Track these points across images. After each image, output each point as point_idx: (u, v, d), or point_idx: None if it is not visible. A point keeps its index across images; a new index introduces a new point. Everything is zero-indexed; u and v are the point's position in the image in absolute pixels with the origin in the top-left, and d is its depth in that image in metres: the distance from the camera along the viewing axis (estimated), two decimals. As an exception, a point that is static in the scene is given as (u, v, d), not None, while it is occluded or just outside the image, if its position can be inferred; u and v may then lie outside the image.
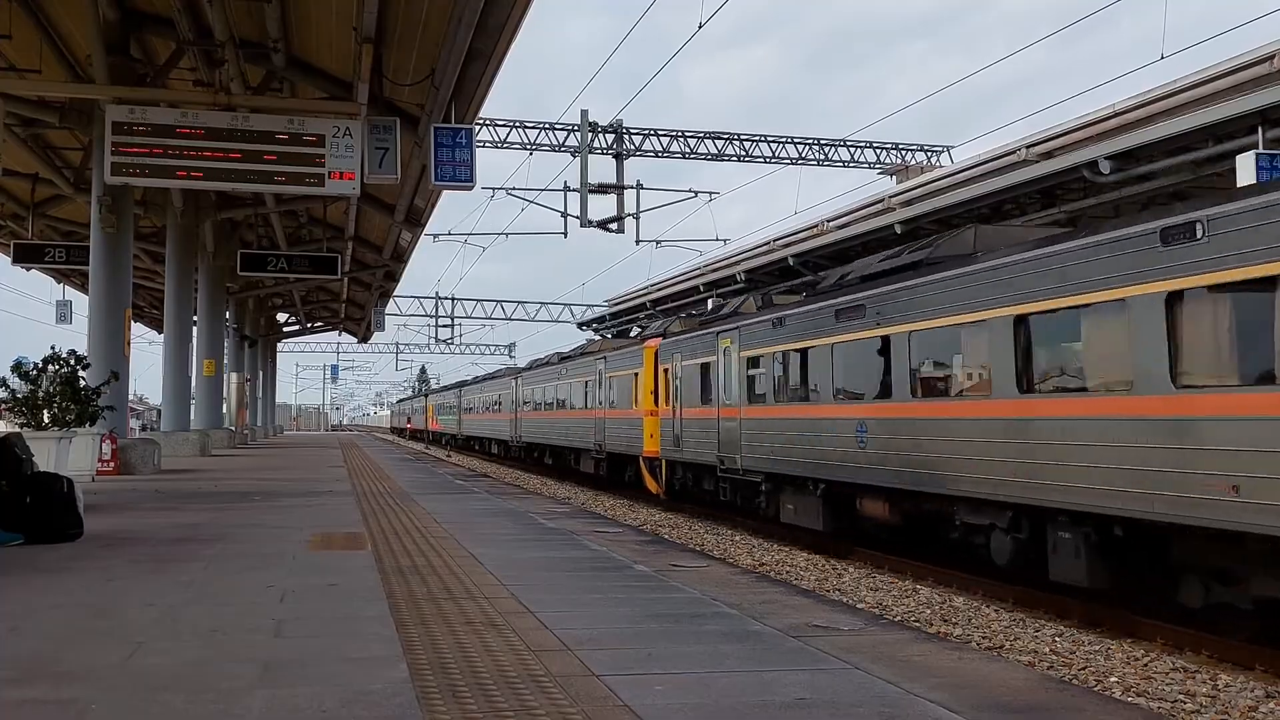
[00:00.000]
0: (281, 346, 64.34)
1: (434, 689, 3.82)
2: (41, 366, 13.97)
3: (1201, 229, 7.49)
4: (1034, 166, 17.55)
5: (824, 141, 33.35)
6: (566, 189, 27.77)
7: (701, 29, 18.84)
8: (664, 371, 19.46)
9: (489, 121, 30.33)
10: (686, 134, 32.04)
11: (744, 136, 32.69)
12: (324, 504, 12.15)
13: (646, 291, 38.98)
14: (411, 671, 4.08)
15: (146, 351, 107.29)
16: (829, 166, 33.40)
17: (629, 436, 21.74)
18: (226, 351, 33.07)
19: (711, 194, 30.39)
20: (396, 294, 48.58)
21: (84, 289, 25.43)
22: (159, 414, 28.19)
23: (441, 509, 11.71)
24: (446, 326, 59.72)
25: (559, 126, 30.87)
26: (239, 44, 15.33)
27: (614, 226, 27.99)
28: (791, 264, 23.38)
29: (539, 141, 30.86)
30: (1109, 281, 8.30)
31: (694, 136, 32.15)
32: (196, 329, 26.94)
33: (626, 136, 30.16)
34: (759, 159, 32.79)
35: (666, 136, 31.66)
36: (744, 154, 32.59)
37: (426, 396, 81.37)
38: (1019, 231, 11.98)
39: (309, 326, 54.48)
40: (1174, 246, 7.71)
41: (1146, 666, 7.53)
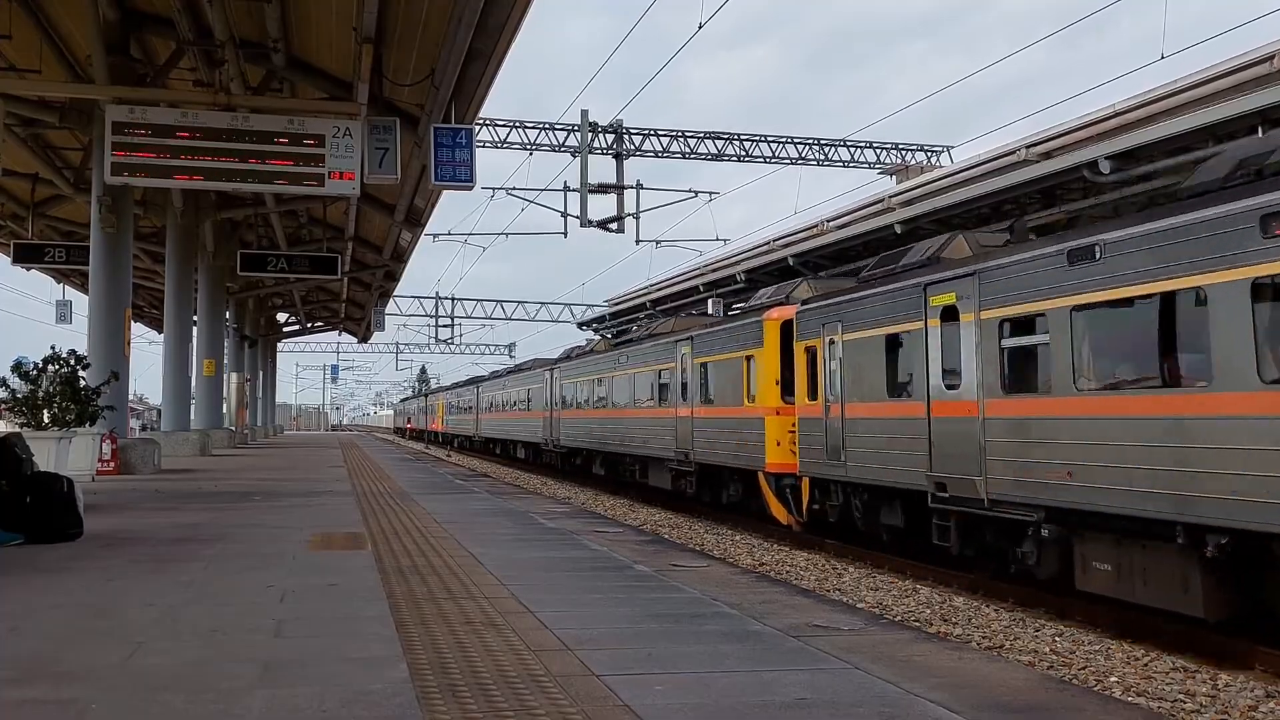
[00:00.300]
0: (281, 346, 64.36)
1: (434, 689, 3.82)
2: (41, 366, 13.98)
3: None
4: (1034, 166, 17.54)
5: (824, 141, 33.37)
6: (566, 189, 27.81)
7: (701, 29, 18.87)
8: (804, 351, 14.48)
9: (489, 121, 30.34)
10: (686, 134, 32.05)
11: (744, 136, 32.70)
12: (324, 504, 12.15)
13: (646, 291, 38.96)
14: (411, 671, 4.08)
15: (146, 351, 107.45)
16: (829, 166, 33.43)
17: (734, 443, 16.63)
18: (226, 351, 33.08)
19: (711, 194, 30.43)
20: (396, 294, 48.60)
21: (84, 289, 25.43)
22: (159, 414, 28.19)
23: (441, 509, 11.71)
24: (446, 326, 59.74)
25: (559, 126, 30.90)
26: (239, 44, 15.33)
27: (614, 226, 27.99)
28: (791, 264, 23.36)
29: (539, 141, 30.87)
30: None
31: (694, 136, 32.15)
32: (196, 329, 26.94)
33: (626, 136, 30.16)
34: (759, 159, 32.80)
35: (666, 136, 31.67)
36: (744, 154, 32.59)
37: (429, 395, 76.42)
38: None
39: (309, 326, 54.48)
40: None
41: (1146, 666, 7.53)
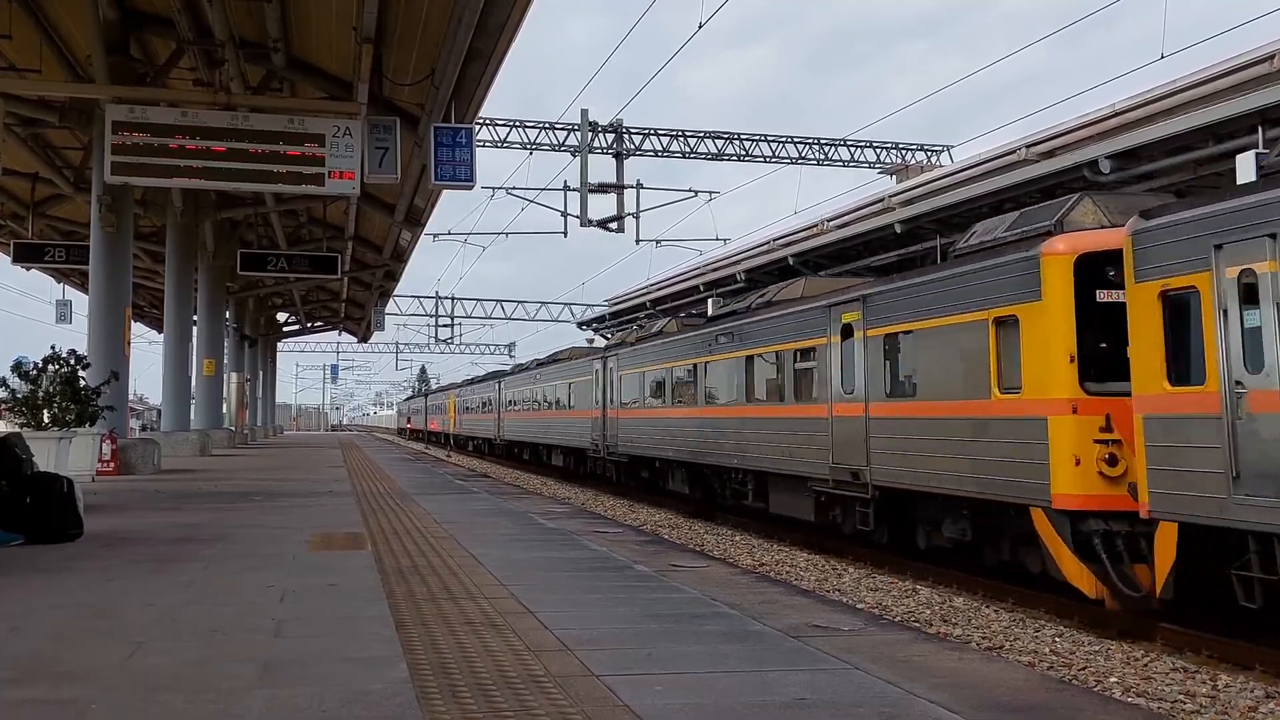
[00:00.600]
0: (281, 346, 64.32)
1: (434, 689, 3.82)
2: (41, 366, 13.98)
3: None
4: (1034, 166, 17.54)
5: (824, 141, 33.35)
6: (566, 189, 27.79)
7: (701, 29, 18.87)
8: (1159, 299, 8.18)
9: (489, 121, 30.33)
10: (686, 134, 32.04)
11: (744, 136, 32.69)
12: (324, 504, 12.15)
13: (646, 291, 38.96)
14: (411, 671, 4.08)
15: (146, 351, 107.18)
16: (829, 166, 33.41)
17: (965, 457, 10.41)
18: (226, 351, 33.07)
19: (711, 194, 30.42)
20: (396, 294, 48.58)
21: (84, 289, 25.41)
22: (159, 414, 28.18)
23: (441, 509, 11.71)
24: (446, 326, 59.70)
25: (559, 126, 30.88)
26: (239, 44, 15.33)
27: (614, 226, 27.98)
28: (791, 264, 23.36)
29: (539, 141, 30.86)
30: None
31: (694, 136, 32.14)
32: (196, 329, 26.93)
33: (626, 136, 30.15)
34: (759, 159, 32.79)
35: (666, 136, 31.66)
36: (744, 154, 32.58)
37: (438, 393, 68.75)
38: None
39: (309, 326, 54.47)
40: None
41: (1146, 666, 7.53)
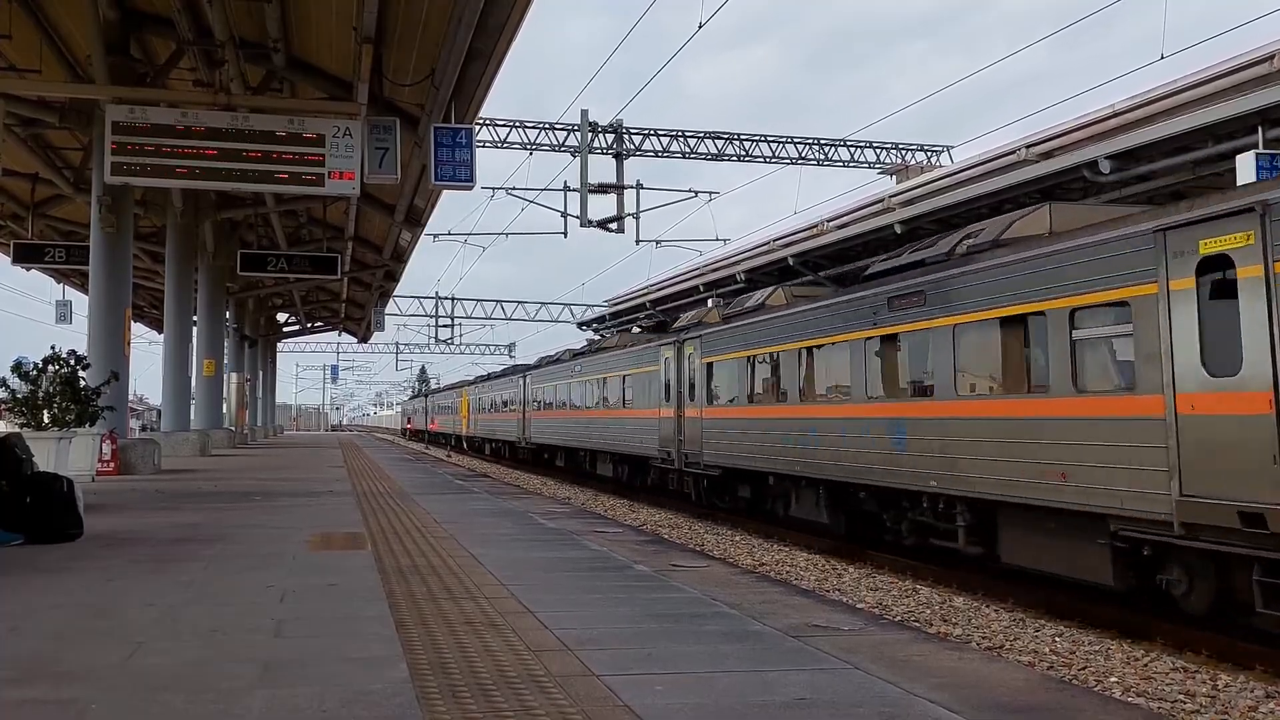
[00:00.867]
0: (281, 346, 64.34)
1: (434, 689, 3.82)
2: (41, 366, 13.98)
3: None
4: (1034, 166, 17.53)
5: (824, 141, 33.36)
6: (566, 189, 27.79)
7: (702, 29, 18.86)
8: None
9: (489, 121, 30.33)
10: (686, 134, 32.04)
11: (744, 136, 32.69)
12: (324, 504, 12.15)
13: (646, 291, 38.95)
14: (411, 671, 4.08)
15: (146, 351, 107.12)
16: (829, 166, 33.42)
17: None
18: (226, 351, 33.07)
19: (711, 194, 30.41)
20: (396, 294, 48.57)
21: (84, 289, 25.40)
22: (159, 414, 28.17)
23: (441, 509, 11.71)
24: (446, 326, 59.69)
25: (559, 126, 30.88)
26: (239, 44, 15.33)
27: (614, 226, 27.98)
28: (791, 264, 23.36)
29: (539, 141, 30.86)
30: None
31: (694, 136, 32.14)
32: (196, 329, 26.94)
33: (626, 136, 30.15)
34: (759, 159, 32.79)
35: (666, 136, 31.66)
36: (744, 154, 32.58)
37: (448, 391, 62.59)
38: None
39: (309, 326, 54.46)
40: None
41: (1146, 666, 7.53)
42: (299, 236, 30.38)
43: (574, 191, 27.28)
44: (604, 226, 27.95)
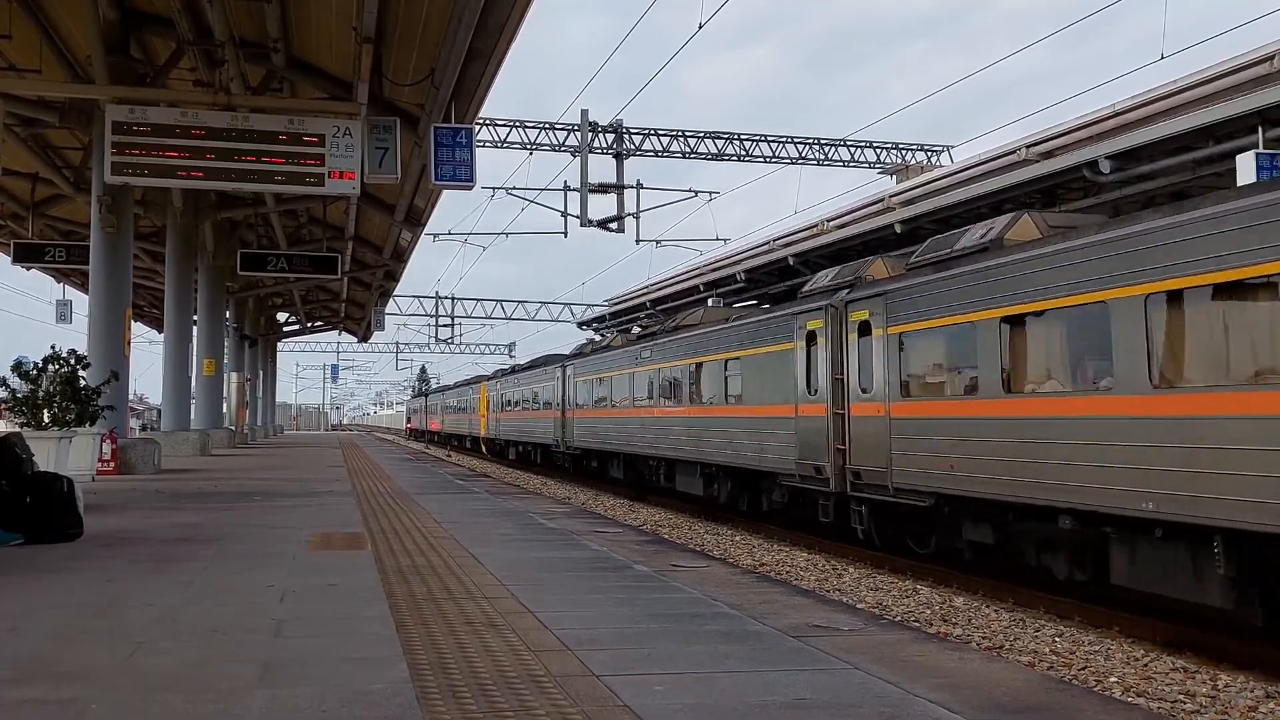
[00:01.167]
0: (281, 346, 64.36)
1: (434, 689, 3.82)
2: (41, 366, 13.98)
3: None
4: (1034, 166, 17.56)
5: (824, 141, 33.38)
6: (566, 189, 27.81)
7: (702, 29, 18.86)
8: None
9: (489, 121, 30.35)
10: (686, 134, 32.05)
11: (744, 136, 32.71)
12: (324, 504, 12.15)
13: (646, 291, 38.98)
14: (411, 671, 4.08)
15: (146, 351, 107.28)
16: (829, 166, 33.46)
17: None
18: (226, 351, 33.08)
19: (711, 194, 30.44)
20: (396, 294, 48.58)
21: (84, 289, 25.44)
22: (159, 414, 28.19)
23: (442, 509, 11.71)
24: (446, 326, 59.72)
25: (559, 126, 30.90)
26: (239, 44, 15.33)
27: (614, 226, 28.00)
28: (791, 264, 23.38)
29: (539, 141, 30.88)
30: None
31: (694, 136, 32.16)
32: (196, 329, 26.94)
33: (626, 136, 30.17)
34: (759, 159, 32.81)
35: (666, 136, 31.68)
36: (744, 154, 32.60)
37: (461, 387, 54.80)
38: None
39: (309, 326, 54.48)
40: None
41: (1146, 666, 7.53)
42: (299, 236, 30.38)
43: (574, 191, 27.32)
44: (604, 226, 27.96)
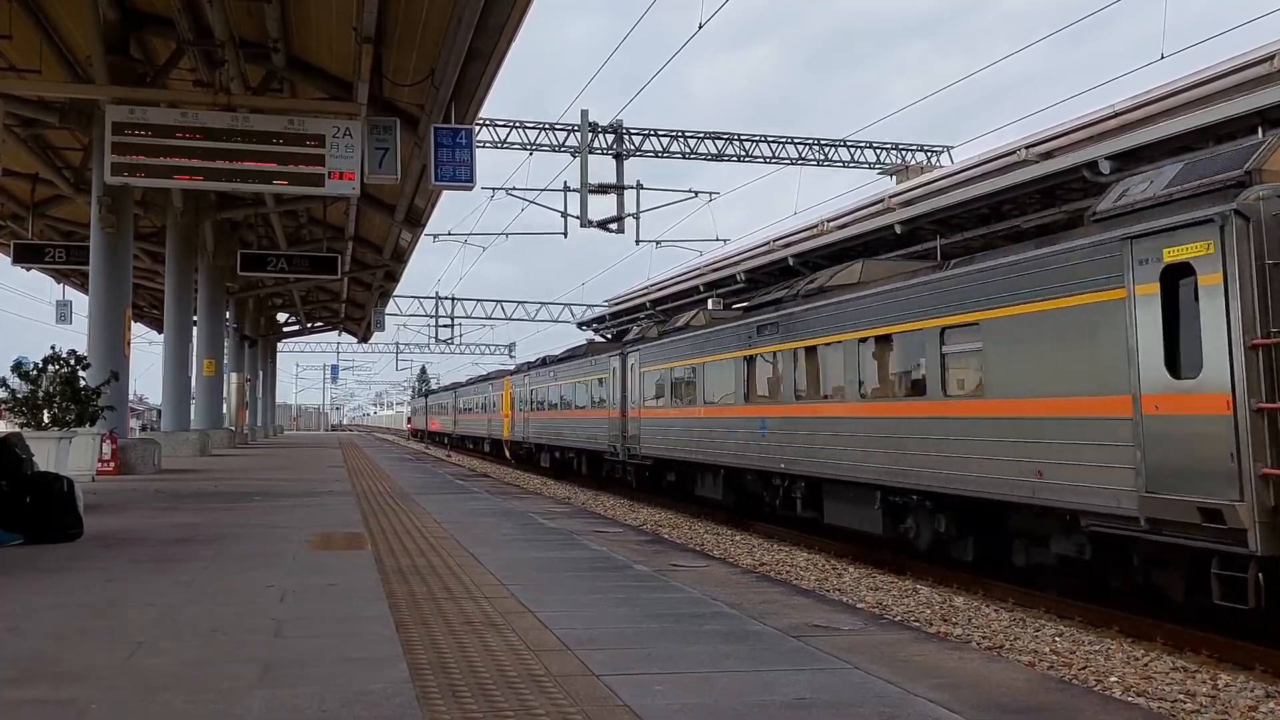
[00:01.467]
0: (281, 346, 64.36)
1: (434, 689, 3.82)
2: (41, 366, 13.98)
3: None
4: (1034, 166, 17.54)
5: (824, 141, 33.38)
6: (566, 189, 27.79)
7: (701, 29, 18.86)
8: None
9: (489, 121, 30.34)
10: (686, 134, 32.05)
11: (744, 136, 32.70)
12: (324, 504, 12.14)
13: (646, 291, 38.96)
14: (411, 671, 4.08)
15: (146, 351, 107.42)
16: (829, 166, 33.44)
17: None
18: (226, 351, 33.07)
19: (711, 194, 30.41)
20: (396, 294, 48.55)
21: (84, 289, 25.43)
22: (159, 414, 28.18)
23: (441, 509, 11.71)
24: (446, 326, 59.68)
25: (559, 126, 30.90)
26: (239, 44, 15.33)
27: (614, 226, 27.98)
28: (791, 264, 23.37)
29: (539, 141, 30.87)
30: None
31: (694, 136, 32.15)
32: (196, 329, 26.94)
33: (626, 137, 30.15)
34: (759, 159, 32.81)
35: (666, 137, 31.67)
36: (744, 154, 32.60)
37: (480, 383, 48.98)
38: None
39: (309, 326, 54.47)
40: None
41: (1146, 666, 7.53)
42: (299, 236, 30.38)
43: (574, 192, 27.29)
44: (604, 227, 27.95)
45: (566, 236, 28.82)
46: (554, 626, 5.00)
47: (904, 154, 34.07)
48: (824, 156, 33.20)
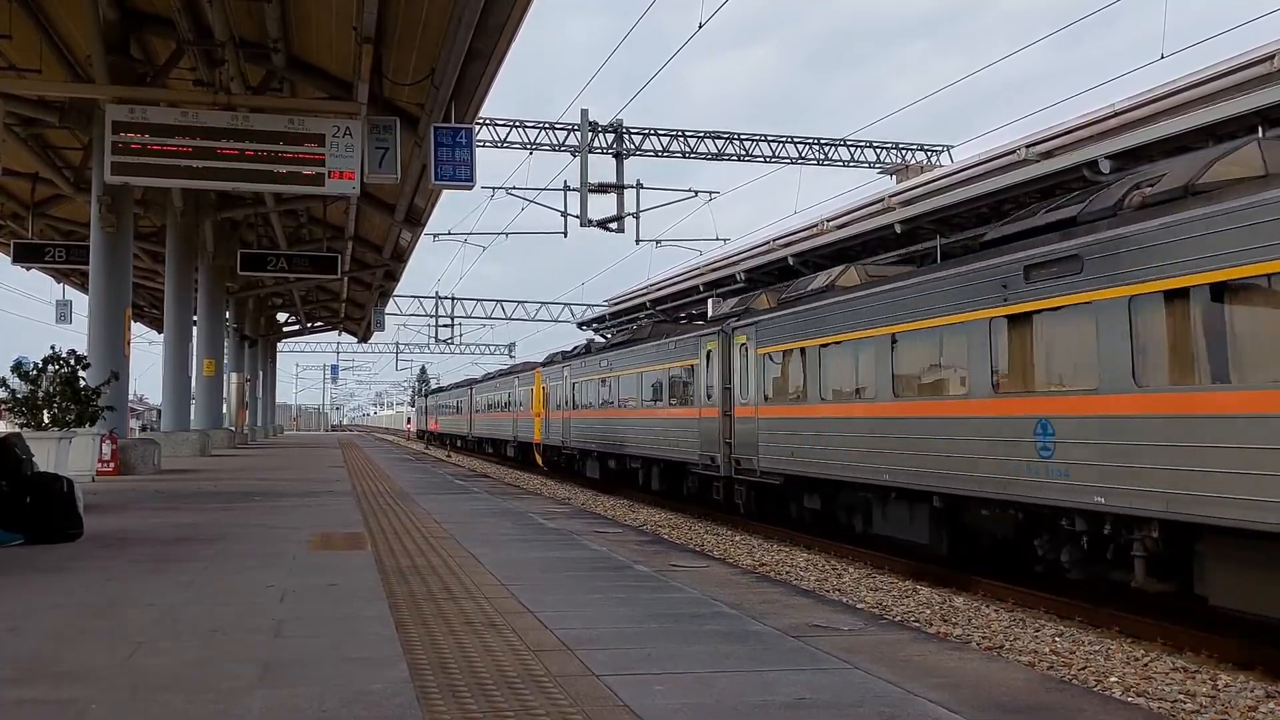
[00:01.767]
0: (281, 346, 64.36)
1: (434, 689, 3.82)
2: (41, 367, 13.98)
3: None
4: (1034, 166, 17.54)
5: (824, 141, 33.36)
6: (566, 189, 27.77)
7: (701, 29, 18.85)
8: None
9: (489, 121, 30.34)
10: (687, 134, 32.04)
11: (744, 136, 32.70)
12: (324, 504, 12.14)
13: (646, 291, 38.95)
14: (411, 671, 4.08)
15: (146, 351, 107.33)
16: (829, 166, 33.43)
17: None
18: (226, 351, 33.06)
19: (711, 194, 30.39)
20: (396, 294, 48.56)
21: (84, 289, 25.43)
22: (159, 414, 28.18)
23: (441, 509, 11.71)
24: (446, 326, 59.70)
25: (559, 126, 30.89)
26: (239, 44, 15.33)
27: (614, 226, 27.97)
28: (791, 264, 23.36)
29: (539, 141, 30.87)
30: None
31: (694, 136, 32.14)
32: (196, 329, 26.93)
33: (626, 136, 30.14)
34: (759, 159, 32.80)
35: (666, 136, 31.66)
36: (744, 154, 32.59)
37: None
38: None
39: (309, 326, 54.46)
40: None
41: (1146, 666, 7.53)
42: (299, 236, 30.38)
43: (574, 191, 27.27)
44: (604, 226, 27.94)
45: (566, 236, 28.82)
46: (554, 626, 5.00)
47: (904, 153, 34.07)
48: (824, 156, 33.20)
